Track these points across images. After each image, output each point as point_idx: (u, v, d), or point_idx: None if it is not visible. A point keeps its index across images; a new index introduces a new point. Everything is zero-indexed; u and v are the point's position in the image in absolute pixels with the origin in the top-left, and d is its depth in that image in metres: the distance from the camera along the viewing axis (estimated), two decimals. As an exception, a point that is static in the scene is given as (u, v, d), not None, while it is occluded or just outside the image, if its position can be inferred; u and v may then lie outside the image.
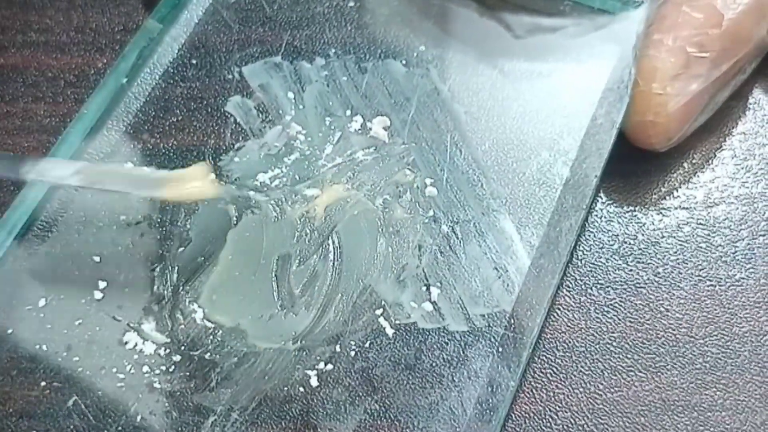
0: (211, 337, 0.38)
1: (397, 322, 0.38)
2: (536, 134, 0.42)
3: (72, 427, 0.37)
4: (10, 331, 0.39)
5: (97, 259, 0.40)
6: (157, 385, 0.37)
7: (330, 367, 0.38)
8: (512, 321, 0.38)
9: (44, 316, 0.39)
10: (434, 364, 0.37)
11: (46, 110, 0.45)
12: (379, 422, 0.37)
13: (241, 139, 0.43)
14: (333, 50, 0.45)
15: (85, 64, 0.46)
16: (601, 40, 0.44)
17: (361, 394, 0.37)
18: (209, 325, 0.39)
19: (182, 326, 0.39)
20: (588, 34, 0.44)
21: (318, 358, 0.38)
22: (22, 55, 0.47)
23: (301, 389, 0.37)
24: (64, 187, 0.41)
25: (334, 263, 0.40)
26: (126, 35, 0.47)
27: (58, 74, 0.46)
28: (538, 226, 0.40)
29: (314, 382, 0.37)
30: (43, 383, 0.38)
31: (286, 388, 0.37)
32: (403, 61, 0.45)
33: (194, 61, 0.45)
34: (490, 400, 0.36)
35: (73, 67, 0.46)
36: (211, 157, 0.42)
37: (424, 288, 0.39)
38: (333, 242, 0.40)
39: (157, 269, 0.40)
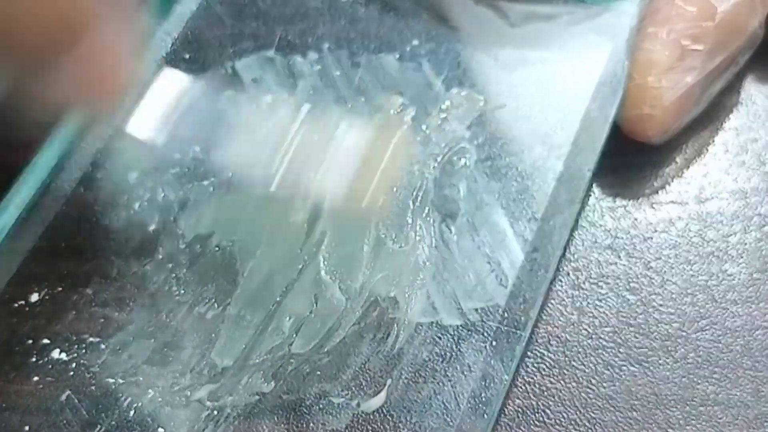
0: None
1: (391, 316, 0.38)
2: (529, 128, 0.42)
3: (65, 421, 0.37)
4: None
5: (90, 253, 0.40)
6: (150, 379, 0.37)
7: (323, 361, 0.38)
8: (506, 315, 0.38)
9: (37, 310, 0.39)
10: (427, 359, 0.37)
11: (39, 105, 0.45)
12: (372, 417, 0.37)
13: (234, 133, 0.43)
14: (326, 45, 0.45)
15: (79, 57, 0.46)
16: (594, 34, 0.44)
17: (354, 388, 0.37)
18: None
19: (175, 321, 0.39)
20: (581, 27, 0.44)
21: (312, 352, 0.38)
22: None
23: (295, 383, 0.37)
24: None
25: (327, 256, 0.40)
26: (120, 29, 0.47)
27: (52, 68, 0.46)
28: (531, 220, 0.40)
29: (308, 376, 0.37)
30: (35, 378, 0.38)
31: (279, 383, 0.37)
32: (397, 56, 0.45)
33: (187, 56, 0.45)
34: (484, 394, 0.36)
35: (67, 61, 0.46)
36: (203, 152, 0.42)
37: (417, 282, 0.39)
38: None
39: (151, 264, 0.40)
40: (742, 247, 0.41)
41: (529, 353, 0.39)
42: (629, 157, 0.42)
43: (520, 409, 0.38)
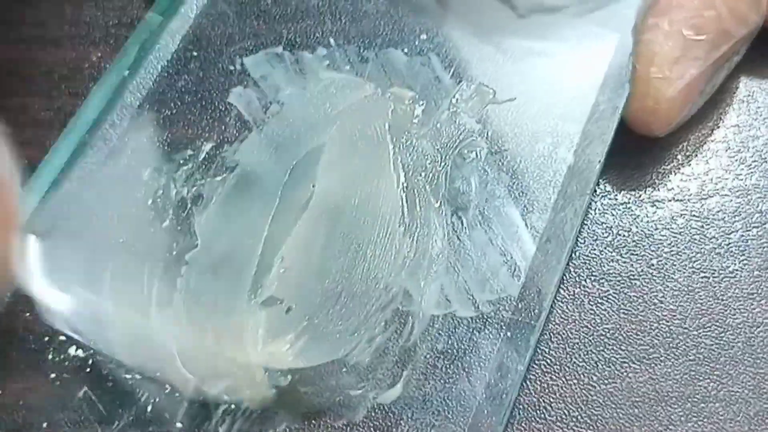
0: None
1: (405, 309, 0.38)
2: (539, 120, 0.42)
3: (82, 417, 0.36)
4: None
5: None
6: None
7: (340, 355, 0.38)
8: (519, 306, 0.38)
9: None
10: (442, 350, 0.37)
11: (40, 104, 0.45)
12: (388, 408, 0.37)
13: (244, 129, 0.43)
14: (334, 40, 0.45)
15: (80, 57, 0.46)
16: (600, 26, 0.44)
17: (370, 380, 0.37)
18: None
19: None
20: (588, 18, 0.44)
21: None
22: (16, 49, 0.46)
23: (311, 376, 0.37)
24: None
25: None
26: (120, 29, 0.47)
27: (53, 68, 0.46)
28: (542, 211, 0.40)
29: (324, 369, 0.37)
30: (53, 375, 0.37)
31: (296, 376, 0.37)
32: (405, 50, 0.44)
33: (195, 54, 0.44)
34: (500, 385, 0.36)
35: (67, 61, 0.46)
36: (214, 148, 0.42)
37: (431, 275, 0.39)
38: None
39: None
40: (743, 244, 0.41)
41: (530, 350, 0.39)
42: (631, 154, 0.43)
43: (521, 406, 0.38)
